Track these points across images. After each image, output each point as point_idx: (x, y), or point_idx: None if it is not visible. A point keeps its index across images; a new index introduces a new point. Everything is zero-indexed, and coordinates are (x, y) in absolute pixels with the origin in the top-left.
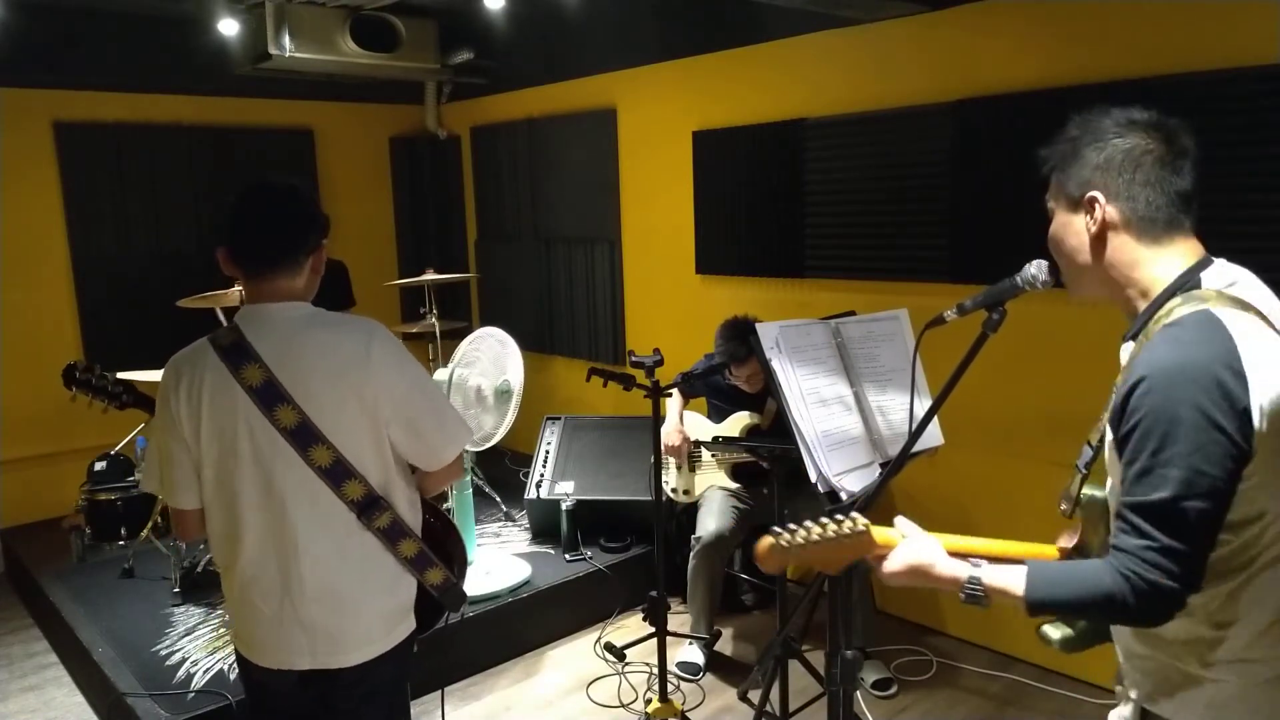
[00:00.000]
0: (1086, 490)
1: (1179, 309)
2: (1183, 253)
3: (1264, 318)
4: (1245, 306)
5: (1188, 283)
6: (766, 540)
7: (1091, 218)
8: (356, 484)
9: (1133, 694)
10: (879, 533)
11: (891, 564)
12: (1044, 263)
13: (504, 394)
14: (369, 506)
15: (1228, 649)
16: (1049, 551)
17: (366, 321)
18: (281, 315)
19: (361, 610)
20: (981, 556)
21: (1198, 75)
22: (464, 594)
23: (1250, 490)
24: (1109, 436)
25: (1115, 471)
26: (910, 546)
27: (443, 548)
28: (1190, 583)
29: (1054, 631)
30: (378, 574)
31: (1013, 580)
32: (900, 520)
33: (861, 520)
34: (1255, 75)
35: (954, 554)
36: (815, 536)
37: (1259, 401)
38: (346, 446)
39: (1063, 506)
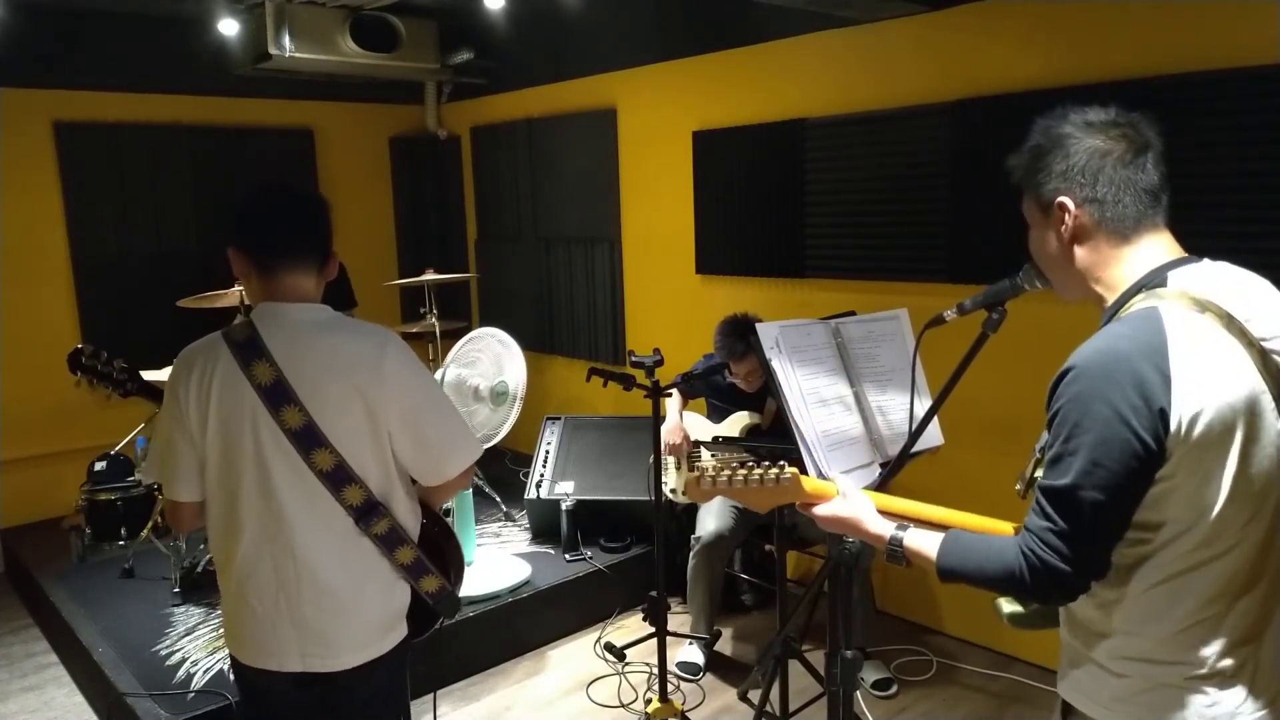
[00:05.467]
0: (1040, 473)
1: (1136, 305)
2: (1152, 249)
3: (1232, 322)
4: (1205, 308)
5: (1153, 280)
6: (692, 474)
7: (1063, 224)
8: (357, 489)
9: (1058, 686)
10: (811, 484)
11: (823, 511)
12: None
13: (500, 395)
14: (368, 512)
15: (1136, 649)
16: (1003, 528)
17: (383, 330)
18: (298, 316)
19: (354, 615)
20: (933, 524)
21: (1198, 75)
22: (459, 601)
23: (1161, 494)
24: None
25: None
26: (842, 502)
27: (440, 554)
28: (1084, 569)
29: (1006, 605)
30: (373, 580)
31: (929, 545)
32: (839, 479)
33: (790, 470)
34: (1255, 75)
35: (887, 513)
36: (740, 477)
37: (1183, 407)
38: (349, 452)
39: (1017, 487)
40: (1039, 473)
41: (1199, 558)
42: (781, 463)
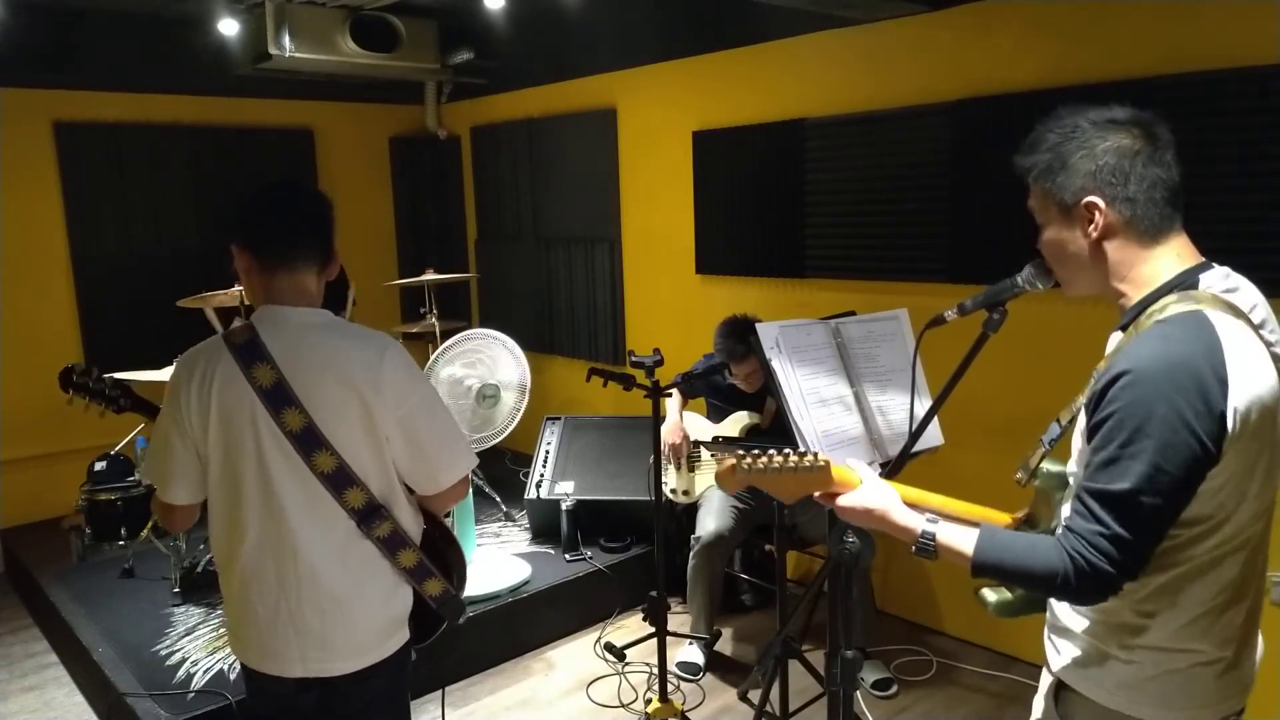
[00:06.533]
0: (1046, 464)
1: (1173, 306)
2: (1177, 249)
3: (1253, 326)
4: (1238, 313)
5: (1185, 282)
6: (729, 461)
7: (1092, 224)
8: (358, 492)
9: (1053, 667)
10: (837, 471)
11: (849, 501)
12: (1044, 263)
13: (489, 397)
14: (370, 515)
15: (1148, 637)
16: (1000, 518)
17: (382, 335)
18: (298, 319)
19: (356, 618)
20: (934, 511)
21: (1198, 75)
22: (463, 605)
23: (1210, 491)
24: (1081, 420)
25: (1081, 453)
26: (869, 491)
27: (442, 559)
28: (1130, 571)
29: (991, 594)
30: (375, 583)
31: (964, 541)
32: (859, 466)
33: (823, 457)
34: (1255, 75)
35: (908, 504)
36: (776, 465)
37: (1235, 405)
38: (350, 454)
39: (1018, 475)
40: (1045, 464)
41: (1222, 551)
42: (816, 450)
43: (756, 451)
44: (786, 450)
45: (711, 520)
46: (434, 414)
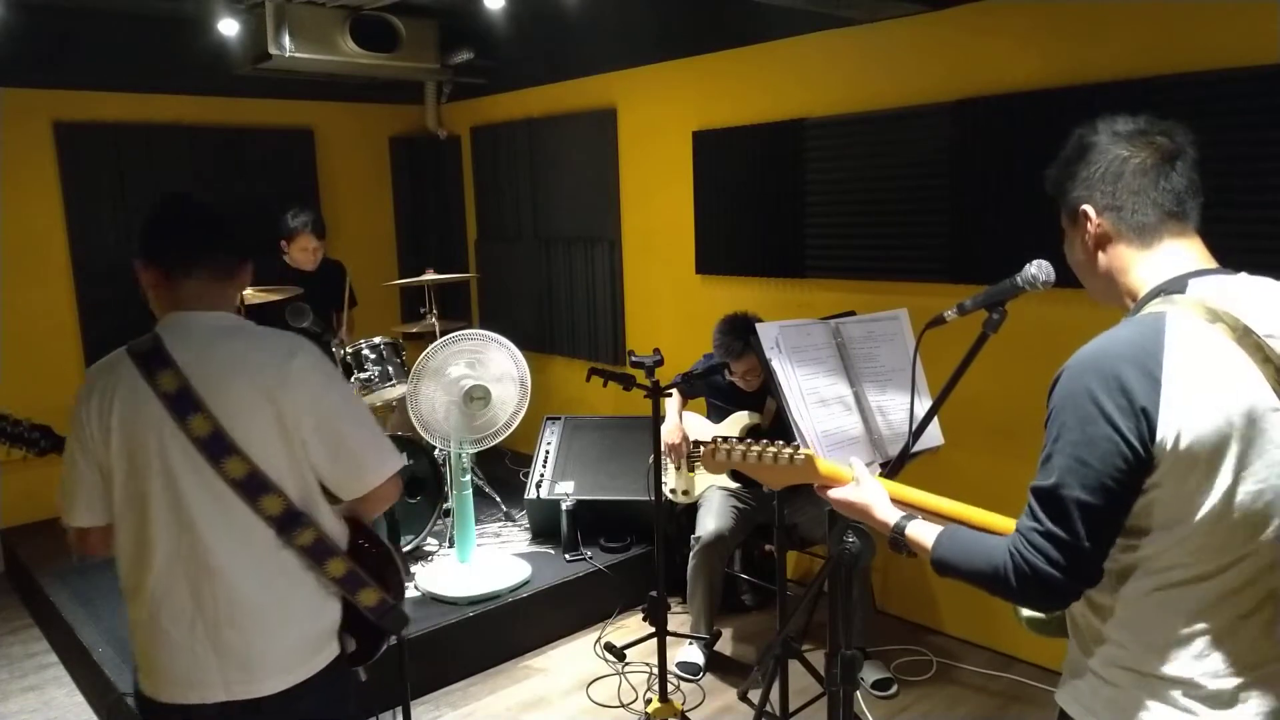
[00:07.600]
0: None
1: (1150, 308)
2: (1175, 254)
3: (1247, 336)
4: (1218, 318)
5: (1172, 286)
6: (710, 445)
7: (1087, 231)
8: (275, 499)
9: (1057, 695)
10: (826, 465)
11: (837, 495)
12: (1044, 263)
13: (478, 399)
14: (289, 523)
15: (1123, 655)
16: (1008, 525)
17: (293, 336)
18: (204, 323)
19: (278, 634)
20: (932, 513)
21: (1198, 75)
22: (405, 616)
23: (1149, 503)
24: None
25: None
26: (857, 488)
27: (377, 571)
28: (1076, 573)
29: (1024, 609)
30: (299, 595)
31: (929, 537)
32: (856, 464)
33: (804, 452)
34: (1255, 75)
35: (899, 502)
36: (754, 455)
37: (1172, 415)
38: (262, 459)
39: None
40: None
41: (1194, 572)
42: (797, 444)
43: (736, 439)
44: (765, 441)
45: (711, 520)
46: (354, 413)
